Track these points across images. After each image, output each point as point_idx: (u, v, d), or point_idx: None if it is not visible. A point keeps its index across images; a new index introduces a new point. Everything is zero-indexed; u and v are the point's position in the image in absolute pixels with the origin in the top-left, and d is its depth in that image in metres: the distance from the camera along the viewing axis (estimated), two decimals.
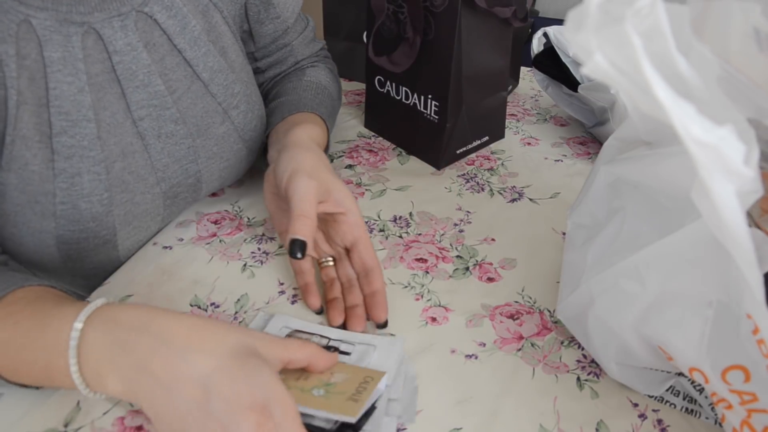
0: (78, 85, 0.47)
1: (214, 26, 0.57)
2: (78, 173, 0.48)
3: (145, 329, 0.37)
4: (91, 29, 0.47)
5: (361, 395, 0.40)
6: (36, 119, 0.46)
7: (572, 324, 0.46)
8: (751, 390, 0.34)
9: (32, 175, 0.47)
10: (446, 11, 0.64)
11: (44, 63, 0.45)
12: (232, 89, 0.59)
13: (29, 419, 0.42)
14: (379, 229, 0.63)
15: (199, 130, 0.57)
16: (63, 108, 0.46)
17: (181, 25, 0.53)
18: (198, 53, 0.55)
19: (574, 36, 0.28)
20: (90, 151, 0.48)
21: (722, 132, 0.25)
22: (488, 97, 0.75)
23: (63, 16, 0.46)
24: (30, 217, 0.48)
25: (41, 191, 0.47)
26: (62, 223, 0.48)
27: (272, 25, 0.67)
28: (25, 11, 0.44)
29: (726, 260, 0.32)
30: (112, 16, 0.48)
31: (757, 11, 0.34)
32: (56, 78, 0.46)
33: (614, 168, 0.42)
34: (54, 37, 0.45)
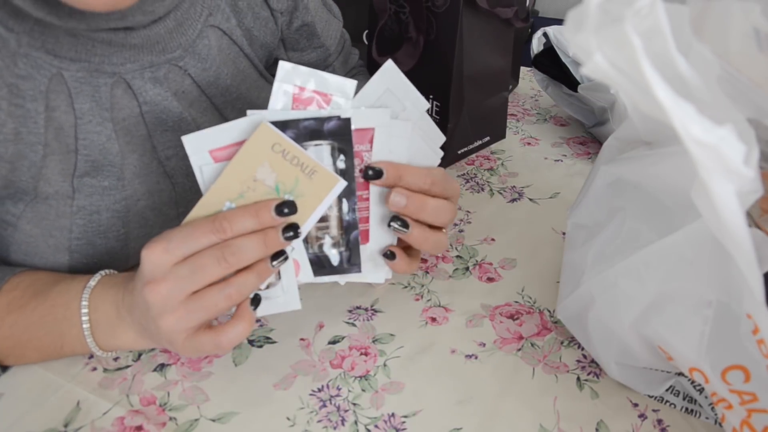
0: (106, 134, 0.46)
1: (241, 71, 0.56)
2: (97, 211, 0.47)
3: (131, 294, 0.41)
4: (121, 79, 0.46)
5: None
6: (62, 165, 0.45)
7: (572, 324, 0.46)
8: (751, 390, 0.34)
9: (49, 209, 0.45)
10: (448, 11, 0.65)
11: (75, 115, 0.44)
12: None
13: (29, 419, 0.42)
14: None
15: None
16: (91, 156, 0.46)
17: (215, 76, 0.52)
18: (228, 99, 0.54)
19: (574, 36, 0.28)
20: (111, 191, 0.47)
21: (722, 132, 0.25)
22: (489, 97, 0.75)
23: (95, 67, 0.44)
24: (43, 249, 0.47)
25: (57, 226, 0.46)
26: (76, 257, 0.48)
27: (315, 54, 0.67)
28: (58, 65, 0.43)
29: (726, 260, 0.32)
30: (144, 68, 0.47)
31: (757, 11, 0.34)
32: (86, 129, 0.45)
33: (614, 168, 0.42)
34: (84, 88, 0.44)
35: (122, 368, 0.46)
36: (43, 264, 0.47)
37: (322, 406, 0.44)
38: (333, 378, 0.46)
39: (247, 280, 0.39)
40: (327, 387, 0.45)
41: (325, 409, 0.44)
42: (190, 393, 0.44)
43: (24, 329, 0.43)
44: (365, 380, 0.46)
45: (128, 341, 0.43)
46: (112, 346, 0.44)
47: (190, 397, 0.44)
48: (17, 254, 0.47)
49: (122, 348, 0.45)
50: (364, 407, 0.44)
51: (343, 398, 0.44)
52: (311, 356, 0.48)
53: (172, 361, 0.47)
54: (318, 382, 0.46)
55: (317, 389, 0.45)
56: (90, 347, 0.43)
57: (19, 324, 0.43)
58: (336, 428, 0.42)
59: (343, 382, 0.46)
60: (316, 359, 0.48)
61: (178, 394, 0.44)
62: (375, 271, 0.46)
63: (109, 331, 0.43)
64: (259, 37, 0.57)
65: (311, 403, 0.44)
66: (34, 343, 0.44)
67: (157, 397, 0.44)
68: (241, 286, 0.39)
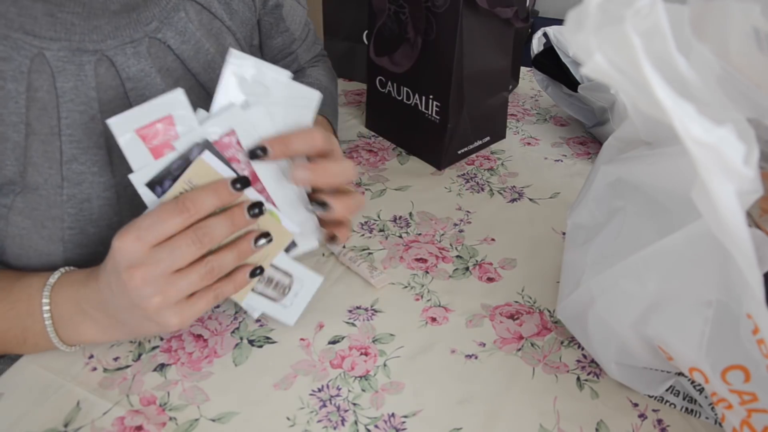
0: (90, 113, 0.46)
1: (226, 48, 0.55)
2: (87, 199, 0.47)
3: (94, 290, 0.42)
4: (103, 57, 0.46)
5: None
6: (45, 147, 0.45)
7: (572, 324, 0.46)
8: (751, 390, 0.34)
9: (40, 199, 0.46)
10: (448, 11, 0.65)
11: (57, 94, 0.44)
12: None
13: (29, 419, 0.42)
14: (379, 229, 0.63)
15: None
16: (75, 136, 0.46)
17: (195, 50, 0.53)
18: (212, 76, 0.54)
19: (574, 36, 0.28)
20: (100, 177, 0.47)
21: (722, 132, 0.26)
22: (490, 98, 0.75)
23: (76, 46, 0.45)
24: (37, 241, 0.47)
25: (49, 216, 0.46)
26: (70, 247, 0.48)
27: (281, 38, 0.68)
28: (39, 44, 0.43)
29: (726, 260, 0.32)
30: (125, 43, 0.47)
31: (757, 11, 0.34)
32: (68, 108, 0.45)
33: (614, 168, 0.42)
34: (67, 67, 0.45)
35: (122, 368, 0.46)
36: (37, 256, 0.47)
37: (322, 406, 0.44)
38: (333, 378, 0.46)
39: (226, 257, 0.41)
40: (327, 387, 0.45)
41: (325, 409, 0.44)
42: (190, 393, 0.44)
43: None
44: (365, 380, 0.46)
45: (91, 335, 0.44)
46: (75, 341, 0.45)
47: (190, 397, 0.44)
48: (12, 248, 0.47)
49: (85, 342, 0.46)
50: (364, 407, 0.44)
51: (343, 398, 0.44)
52: (311, 356, 0.48)
53: (172, 361, 0.47)
54: (318, 382, 0.46)
55: (317, 389, 0.45)
56: (53, 342, 0.44)
57: None
58: (336, 428, 0.42)
59: (343, 382, 0.46)
60: (316, 359, 0.48)
61: (178, 394, 0.44)
62: (306, 239, 0.47)
63: (71, 326, 0.43)
64: (239, 11, 0.58)
65: (311, 403, 0.44)
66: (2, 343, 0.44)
67: (157, 397, 0.44)
68: (221, 261, 0.41)
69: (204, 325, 0.50)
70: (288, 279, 0.47)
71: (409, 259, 0.59)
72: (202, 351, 0.48)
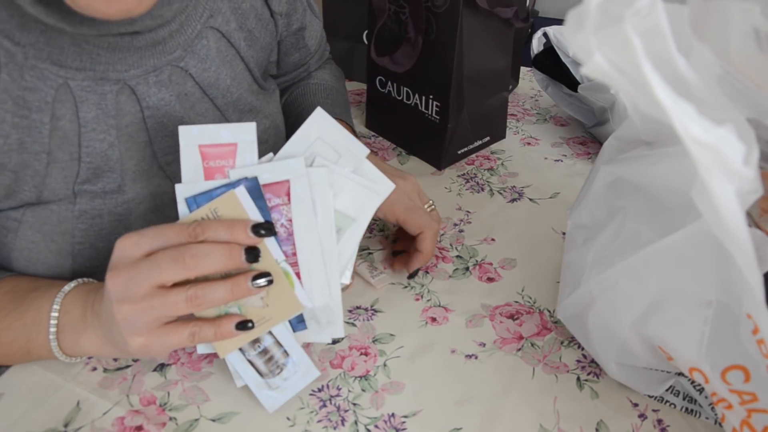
0: (109, 141, 0.46)
1: (238, 74, 0.56)
2: (99, 215, 0.47)
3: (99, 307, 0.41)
4: (125, 86, 0.46)
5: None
6: (65, 173, 0.45)
7: (572, 324, 0.46)
8: (751, 390, 0.34)
9: (51, 214, 0.45)
10: (448, 11, 0.64)
11: (79, 123, 0.44)
12: (262, 125, 0.58)
13: (29, 419, 0.42)
14: (379, 229, 0.63)
15: None
16: (93, 164, 0.46)
17: (215, 77, 0.53)
18: (229, 100, 0.55)
19: (574, 36, 0.28)
20: (113, 195, 0.47)
21: (722, 132, 0.25)
22: (490, 98, 0.75)
23: (100, 75, 0.44)
24: (45, 254, 0.46)
25: (59, 231, 0.46)
26: (79, 261, 0.47)
27: (298, 54, 0.68)
28: (64, 75, 0.43)
29: (726, 260, 0.32)
30: (148, 73, 0.47)
31: (757, 11, 0.34)
32: (89, 137, 0.45)
33: (614, 168, 0.42)
34: (89, 96, 0.44)
35: (122, 368, 0.46)
36: (45, 270, 0.47)
37: (322, 406, 0.44)
38: (333, 378, 0.46)
39: (216, 288, 0.39)
40: (327, 387, 0.45)
41: (325, 409, 0.44)
42: (190, 393, 0.44)
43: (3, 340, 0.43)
44: (365, 380, 0.46)
45: (92, 347, 0.43)
46: (75, 352, 0.44)
47: (190, 397, 0.44)
48: (19, 261, 0.46)
49: (85, 354, 0.45)
50: (364, 407, 0.44)
51: (343, 398, 0.44)
52: (311, 356, 0.48)
53: (172, 361, 0.47)
54: (318, 382, 0.46)
55: (317, 389, 0.45)
56: (54, 352, 0.43)
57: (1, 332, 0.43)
58: (336, 428, 0.42)
59: (343, 382, 0.46)
60: (316, 359, 0.48)
61: (178, 394, 0.44)
62: (320, 330, 0.44)
63: (73, 335, 0.42)
64: (260, 38, 0.57)
65: (311, 403, 0.44)
66: (3, 349, 0.44)
67: (157, 397, 0.44)
68: (207, 292, 0.38)
69: None
70: (284, 358, 0.43)
71: None
72: None
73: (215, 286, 0.39)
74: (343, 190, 0.44)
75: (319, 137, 0.43)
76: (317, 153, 0.43)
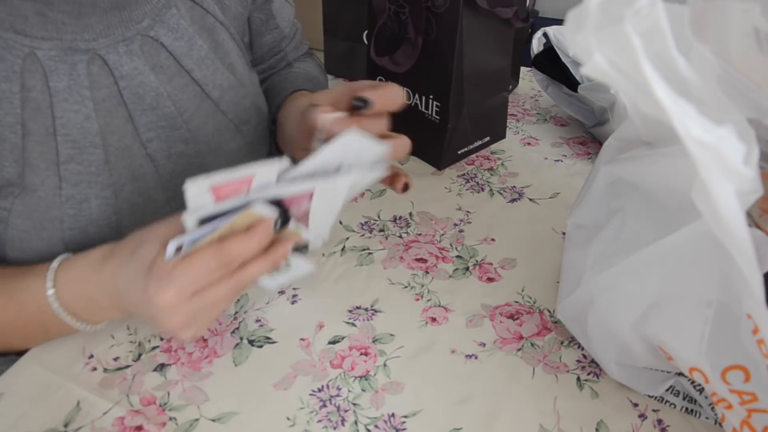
0: (84, 112, 0.46)
1: (220, 44, 0.56)
2: (86, 199, 0.47)
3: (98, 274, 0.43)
4: (96, 56, 0.46)
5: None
6: (42, 148, 0.45)
7: (572, 324, 0.46)
8: (751, 390, 0.34)
9: (39, 201, 0.46)
10: (448, 11, 0.65)
11: (50, 93, 0.44)
12: (242, 104, 0.58)
13: (29, 419, 0.42)
14: (379, 229, 0.63)
15: (210, 147, 0.56)
16: (70, 136, 0.46)
17: (188, 46, 0.52)
18: (206, 72, 0.54)
19: (574, 36, 0.28)
20: (98, 177, 0.47)
21: (722, 132, 0.26)
22: (490, 98, 0.75)
23: (68, 45, 0.45)
24: (37, 243, 0.47)
25: (48, 217, 0.46)
26: (71, 248, 0.47)
27: (271, 36, 0.68)
28: (30, 44, 0.43)
29: (726, 260, 0.32)
30: (117, 42, 0.47)
31: (757, 11, 0.34)
32: (62, 107, 0.45)
33: (614, 168, 0.42)
34: (59, 66, 0.44)
35: (122, 368, 0.46)
36: (38, 259, 0.47)
37: (322, 406, 0.44)
38: (333, 378, 0.46)
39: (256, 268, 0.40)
40: (327, 387, 0.45)
41: (325, 409, 0.44)
42: (190, 393, 0.44)
43: (2, 325, 0.44)
44: (365, 380, 0.46)
45: (115, 317, 0.46)
46: (99, 321, 0.46)
47: (190, 397, 0.44)
48: (12, 252, 0.47)
49: (105, 321, 0.47)
50: (364, 407, 0.44)
51: (343, 398, 0.44)
52: (311, 356, 0.48)
53: (172, 361, 0.47)
54: (318, 382, 0.46)
55: (317, 389, 0.45)
56: (76, 327, 0.44)
57: None
58: (336, 428, 0.42)
59: (343, 382, 0.46)
60: (316, 359, 0.48)
61: (178, 394, 0.44)
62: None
63: (89, 312, 0.44)
64: (231, 6, 0.58)
65: (311, 403, 0.44)
66: (18, 334, 0.45)
67: (157, 397, 0.44)
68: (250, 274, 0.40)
69: None
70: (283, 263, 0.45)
71: (409, 259, 0.59)
72: (202, 351, 0.48)
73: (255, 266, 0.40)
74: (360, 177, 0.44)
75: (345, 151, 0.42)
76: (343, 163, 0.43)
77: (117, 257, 0.41)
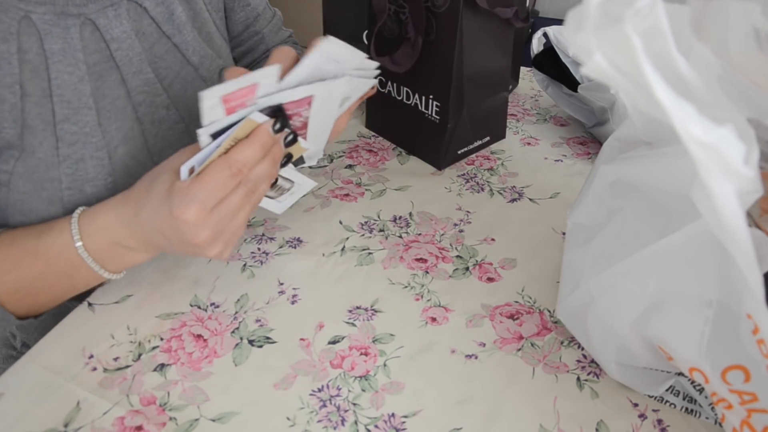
0: (78, 74, 0.49)
1: (198, 13, 0.59)
2: (82, 159, 0.50)
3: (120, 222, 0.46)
4: (87, 20, 0.49)
5: None
6: (39, 109, 0.47)
7: (572, 324, 0.46)
8: (751, 390, 0.34)
9: (38, 162, 0.48)
10: (448, 12, 0.65)
11: (45, 55, 0.47)
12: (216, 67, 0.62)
13: (29, 419, 0.42)
14: (379, 229, 0.63)
15: (191, 114, 0.59)
16: (65, 97, 0.48)
17: (168, 12, 0.56)
18: (186, 38, 0.57)
19: (574, 36, 0.28)
20: (92, 138, 0.50)
21: (722, 132, 0.26)
22: (490, 98, 0.75)
23: (60, 9, 0.47)
24: (37, 204, 0.49)
25: (47, 178, 0.48)
26: (70, 208, 0.50)
27: (243, 13, 0.70)
28: (24, 8, 0.45)
29: (726, 260, 0.32)
30: (106, 6, 0.50)
31: (757, 11, 0.34)
32: (57, 69, 0.48)
33: (614, 168, 0.42)
34: (53, 30, 0.47)
35: (122, 368, 0.46)
36: (39, 221, 0.49)
37: (322, 406, 0.44)
38: (333, 378, 0.46)
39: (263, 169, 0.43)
40: (327, 387, 0.45)
41: (325, 409, 0.44)
42: (190, 393, 0.44)
43: (29, 284, 0.46)
44: (365, 380, 0.46)
45: (138, 260, 0.49)
46: (122, 268, 0.49)
47: (190, 397, 0.44)
48: (14, 216, 0.49)
49: (130, 266, 0.50)
50: (364, 407, 0.44)
51: (343, 398, 0.44)
52: (311, 356, 0.48)
53: (172, 361, 0.47)
54: (318, 382, 0.46)
55: (317, 389, 0.45)
56: (103, 276, 0.48)
57: (22, 281, 0.46)
58: (336, 428, 0.42)
59: (343, 382, 0.46)
60: (316, 359, 0.48)
61: (178, 394, 0.44)
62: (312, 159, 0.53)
63: (115, 259, 0.47)
64: None
65: (311, 403, 0.44)
66: (45, 291, 0.47)
67: (157, 397, 0.44)
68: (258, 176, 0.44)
69: (204, 325, 0.50)
70: (289, 184, 0.52)
71: (409, 259, 0.59)
72: (202, 351, 0.48)
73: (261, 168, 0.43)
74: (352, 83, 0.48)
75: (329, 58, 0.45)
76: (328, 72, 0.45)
77: (135, 196, 0.45)
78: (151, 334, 0.49)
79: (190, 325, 0.50)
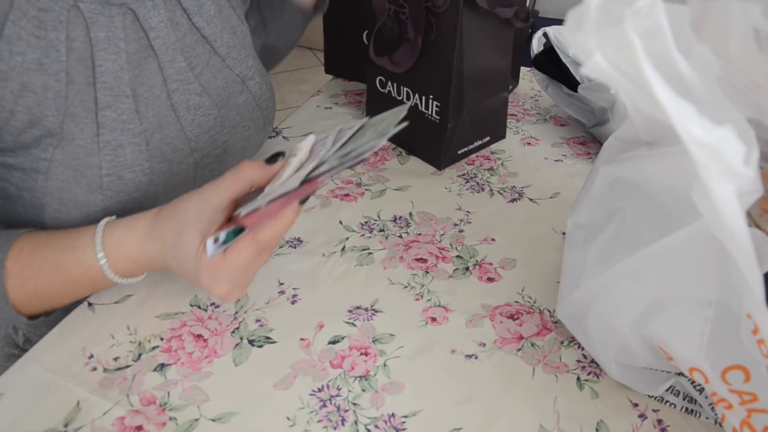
0: (119, 62, 0.50)
1: (222, 7, 0.62)
2: (121, 145, 0.51)
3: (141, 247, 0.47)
4: (128, 10, 0.51)
5: None
6: (82, 96, 0.48)
7: (572, 324, 0.46)
8: (751, 390, 0.34)
9: (78, 149, 0.49)
10: (448, 11, 0.65)
11: (91, 44, 0.48)
12: (246, 63, 0.64)
13: (29, 419, 0.42)
14: (379, 229, 0.63)
15: (222, 101, 0.61)
16: (107, 84, 0.50)
17: (199, 5, 0.58)
18: (215, 30, 0.60)
19: (574, 36, 0.28)
20: (129, 124, 0.51)
21: (722, 132, 0.25)
22: (489, 98, 0.75)
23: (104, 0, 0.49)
24: (77, 191, 0.50)
25: (87, 164, 0.49)
26: (109, 194, 0.51)
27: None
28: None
29: (726, 260, 0.32)
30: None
31: (757, 11, 0.34)
32: (101, 57, 0.49)
33: (614, 168, 0.42)
34: (99, 18, 0.49)
35: (122, 368, 0.46)
36: (77, 208, 0.51)
37: (322, 406, 0.44)
38: (333, 378, 0.46)
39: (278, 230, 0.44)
40: (327, 387, 0.45)
41: (325, 409, 0.44)
42: (190, 393, 0.44)
43: (50, 294, 0.47)
44: (365, 380, 0.46)
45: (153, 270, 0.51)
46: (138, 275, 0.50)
47: (190, 397, 0.44)
48: (51, 205, 0.50)
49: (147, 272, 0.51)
50: (364, 407, 0.44)
51: (343, 398, 0.44)
52: (311, 356, 0.48)
53: (172, 361, 0.47)
54: (318, 382, 0.46)
55: (317, 389, 0.45)
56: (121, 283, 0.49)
57: (42, 289, 0.47)
58: (336, 428, 0.42)
59: (343, 382, 0.46)
60: (316, 359, 0.48)
61: (178, 394, 0.44)
62: None
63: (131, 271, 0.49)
64: None
65: (311, 403, 0.44)
66: (66, 299, 0.49)
67: (157, 397, 0.44)
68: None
69: (204, 325, 0.50)
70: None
71: (409, 259, 0.59)
72: (202, 351, 0.48)
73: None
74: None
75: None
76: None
77: (161, 239, 0.46)
78: (151, 334, 0.49)
79: (190, 325, 0.50)
